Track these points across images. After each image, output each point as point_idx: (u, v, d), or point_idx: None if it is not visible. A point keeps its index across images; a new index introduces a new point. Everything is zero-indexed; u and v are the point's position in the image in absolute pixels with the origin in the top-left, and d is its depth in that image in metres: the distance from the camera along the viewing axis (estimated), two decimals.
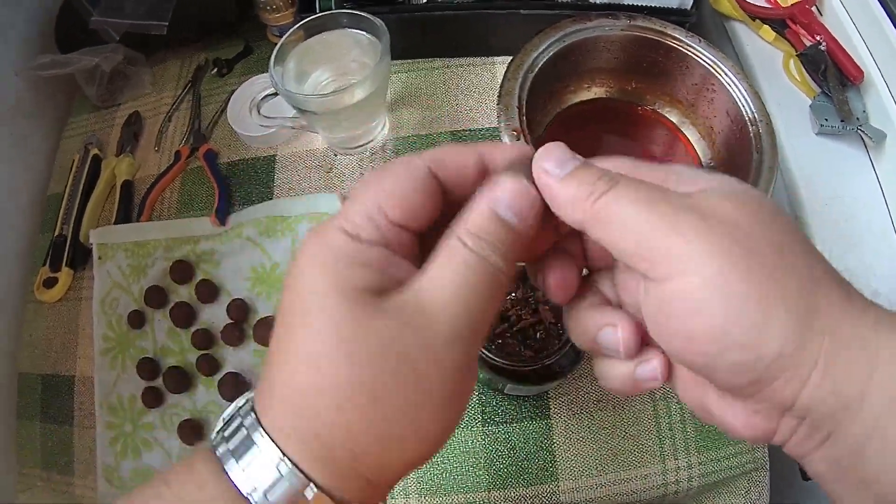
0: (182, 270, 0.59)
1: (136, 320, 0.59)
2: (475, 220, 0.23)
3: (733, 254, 0.21)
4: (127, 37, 0.68)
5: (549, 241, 0.27)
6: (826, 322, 0.21)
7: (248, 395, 0.25)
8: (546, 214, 0.24)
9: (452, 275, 0.22)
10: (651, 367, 0.25)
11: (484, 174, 0.25)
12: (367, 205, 0.23)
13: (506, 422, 0.52)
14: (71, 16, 0.70)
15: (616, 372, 0.26)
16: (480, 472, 0.50)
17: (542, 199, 0.24)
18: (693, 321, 0.22)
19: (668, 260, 0.22)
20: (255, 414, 0.22)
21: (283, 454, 0.21)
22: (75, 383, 0.60)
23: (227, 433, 0.23)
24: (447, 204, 0.25)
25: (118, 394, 0.58)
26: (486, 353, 0.41)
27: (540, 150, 0.24)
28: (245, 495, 0.21)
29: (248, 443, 0.22)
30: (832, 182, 0.58)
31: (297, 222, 0.59)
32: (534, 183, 0.24)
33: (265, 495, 0.21)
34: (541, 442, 0.51)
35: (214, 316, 0.58)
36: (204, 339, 0.57)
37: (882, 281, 0.54)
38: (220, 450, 0.22)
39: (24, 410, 0.61)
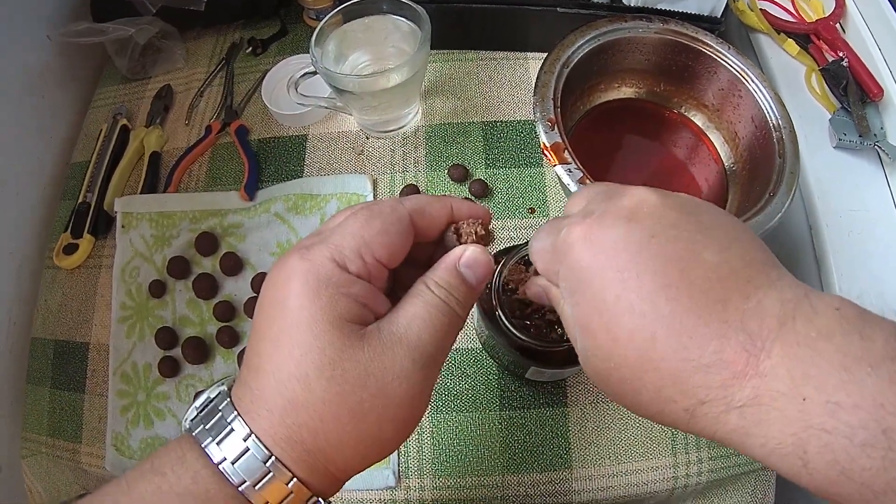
0: (207, 242, 0.59)
1: (157, 290, 0.59)
2: (441, 273, 0.29)
3: None
4: (162, 10, 0.69)
5: None
6: None
7: (219, 386, 0.28)
8: None
9: (422, 312, 0.27)
10: None
11: (450, 222, 0.31)
12: (357, 241, 0.27)
13: (523, 407, 0.52)
14: None
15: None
16: (496, 456, 0.51)
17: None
18: None
19: None
20: (242, 417, 0.26)
21: (274, 455, 0.25)
22: (89, 350, 0.60)
23: (214, 432, 0.26)
24: (414, 244, 0.30)
25: (133, 362, 0.58)
26: (515, 332, 0.41)
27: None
28: (241, 491, 0.25)
29: (241, 445, 0.25)
30: (847, 195, 0.59)
31: (326, 201, 0.60)
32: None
33: (254, 486, 0.25)
34: (556, 429, 0.52)
35: (238, 289, 0.59)
36: (226, 312, 0.57)
37: (891, 293, 0.56)
38: (212, 448, 0.25)
39: (34, 375, 0.61)
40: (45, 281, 0.64)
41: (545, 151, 0.50)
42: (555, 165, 0.49)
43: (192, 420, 0.27)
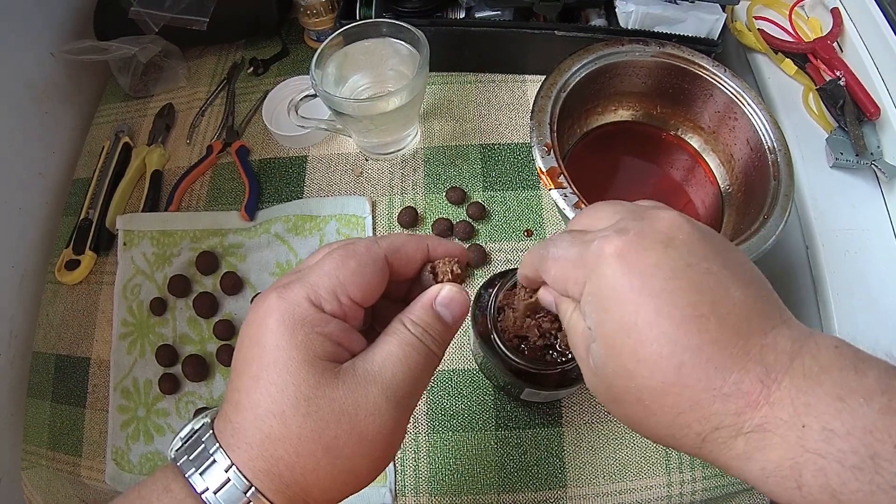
0: (208, 262, 0.60)
1: (158, 307, 0.60)
2: (418, 312, 0.30)
3: None
4: (164, 30, 0.69)
5: None
6: None
7: (203, 418, 0.29)
8: None
9: (397, 351, 0.28)
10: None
11: (426, 261, 0.32)
12: (332, 281, 0.28)
13: (519, 427, 0.53)
14: (110, 4, 0.71)
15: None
16: (491, 475, 0.52)
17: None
18: None
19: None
20: (224, 449, 0.27)
21: (254, 486, 0.26)
22: (90, 365, 0.60)
23: (198, 463, 0.27)
24: (392, 281, 0.31)
25: (134, 378, 0.59)
26: (510, 355, 0.42)
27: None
28: None
29: (223, 476, 0.26)
30: (845, 214, 0.60)
31: (325, 222, 0.61)
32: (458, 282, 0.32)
33: None
34: (551, 448, 0.52)
35: (238, 308, 0.59)
36: (226, 330, 0.58)
37: (888, 312, 0.56)
38: (195, 478, 0.26)
39: (35, 389, 0.62)
40: (47, 296, 0.65)
41: (541, 176, 0.50)
42: (550, 190, 0.50)
43: (177, 450, 0.28)
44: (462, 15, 0.66)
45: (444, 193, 0.62)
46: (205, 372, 0.57)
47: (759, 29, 0.69)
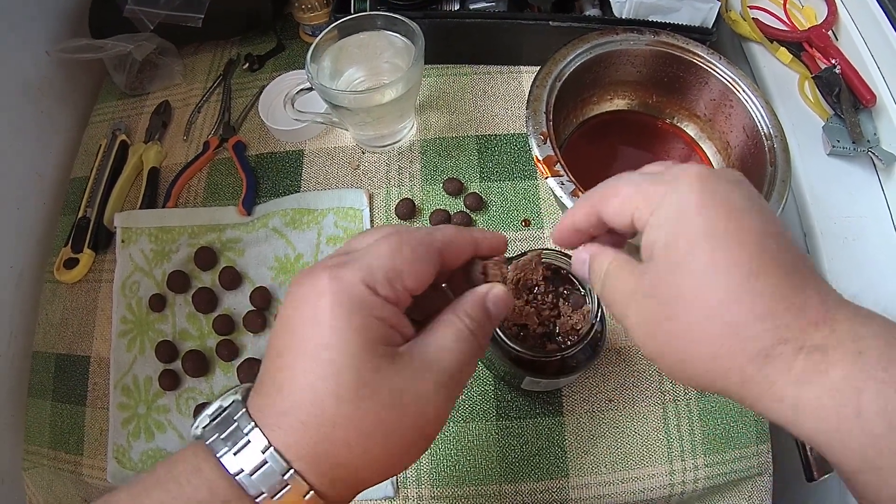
0: (206, 257, 0.60)
1: (157, 304, 0.60)
2: (471, 306, 0.31)
3: None
4: (160, 27, 0.69)
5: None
6: None
7: (233, 395, 0.28)
8: None
9: (451, 341, 0.29)
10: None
11: (474, 255, 0.33)
12: (388, 266, 0.28)
13: (520, 417, 0.53)
14: (105, 2, 0.71)
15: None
16: (493, 465, 0.52)
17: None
18: None
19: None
20: (261, 429, 0.26)
21: (292, 468, 0.26)
22: (90, 364, 0.60)
23: (231, 442, 0.26)
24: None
25: (134, 375, 0.58)
26: (510, 344, 0.42)
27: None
28: (257, 502, 0.26)
29: (259, 457, 0.26)
30: (842, 202, 0.60)
31: (323, 216, 0.61)
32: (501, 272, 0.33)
33: (272, 497, 0.26)
34: (553, 438, 0.52)
35: (237, 303, 0.59)
36: (225, 325, 0.58)
37: (886, 299, 0.56)
38: (227, 458, 0.26)
39: (35, 389, 0.62)
40: (46, 295, 0.65)
41: (538, 164, 0.50)
42: (547, 178, 0.50)
43: (204, 427, 0.28)
44: (456, 7, 0.66)
45: (442, 185, 0.62)
46: (205, 367, 0.57)
47: (753, 18, 0.69)
